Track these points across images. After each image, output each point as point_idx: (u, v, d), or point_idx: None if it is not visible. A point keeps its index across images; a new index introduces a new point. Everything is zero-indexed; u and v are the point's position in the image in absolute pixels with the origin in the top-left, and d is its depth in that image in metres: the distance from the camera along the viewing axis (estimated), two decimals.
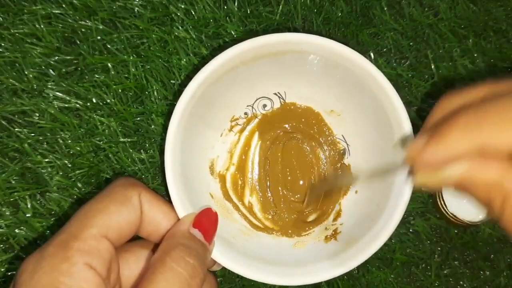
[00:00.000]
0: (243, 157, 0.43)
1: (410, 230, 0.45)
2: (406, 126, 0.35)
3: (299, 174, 0.43)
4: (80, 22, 0.45)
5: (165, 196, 0.43)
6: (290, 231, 0.41)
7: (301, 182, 0.43)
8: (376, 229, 0.35)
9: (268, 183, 0.43)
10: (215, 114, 0.40)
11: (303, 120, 0.43)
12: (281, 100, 0.43)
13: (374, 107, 0.37)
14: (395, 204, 0.34)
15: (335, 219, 0.41)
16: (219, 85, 0.37)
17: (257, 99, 0.43)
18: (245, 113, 0.43)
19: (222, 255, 0.34)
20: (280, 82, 0.41)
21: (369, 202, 0.38)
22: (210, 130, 0.41)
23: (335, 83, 0.39)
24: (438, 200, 0.43)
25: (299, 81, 0.41)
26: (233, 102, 0.41)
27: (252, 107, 0.43)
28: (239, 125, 0.43)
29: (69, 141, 0.43)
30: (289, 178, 0.43)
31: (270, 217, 0.42)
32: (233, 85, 0.39)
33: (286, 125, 0.43)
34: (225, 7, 0.46)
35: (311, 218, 0.42)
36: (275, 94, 0.43)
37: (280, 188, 0.43)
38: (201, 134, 0.39)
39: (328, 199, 0.42)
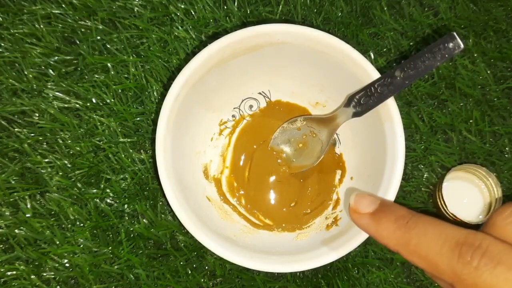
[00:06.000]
0: (236, 159, 0.43)
1: None
2: (392, 106, 0.35)
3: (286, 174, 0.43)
4: (79, 22, 0.45)
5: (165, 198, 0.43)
6: (290, 226, 0.41)
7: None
8: None
9: (262, 183, 0.43)
10: (202, 118, 0.41)
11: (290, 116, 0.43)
12: (267, 99, 0.43)
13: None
14: (389, 179, 0.35)
15: (334, 208, 0.41)
16: (202, 87, 0.37)
17: (243, 100, 0.43)
18: (233, 116, 0.43)
19: (225, 249, 0.34)
20: (263, 81, 0.42)
21: (365, 184, 0.38)
22: (199, 134, 0.41)
23: (316, 73, 0.39)
24: (438, 200, 0.43)
25: (281, 77, 0.41)
26: (220, 105, 0.42)
27: (239, 109, 0.43)
28: (229, 128, 0.43)
29: (69, 141, 0.43)
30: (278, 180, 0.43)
31: (267, 214, 0.43)
32: (216, 87, 0.39)
33: (274, 124, 0.43)
34: (225, 7, 0.45)
35: (307, 210, 0.42)
36: (260, 93, 0.43)
37: (272, 188, 0.43)
38: (190, 139, 0.40)
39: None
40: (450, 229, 0.25)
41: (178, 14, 0.45)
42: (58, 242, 0.42)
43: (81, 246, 0.42)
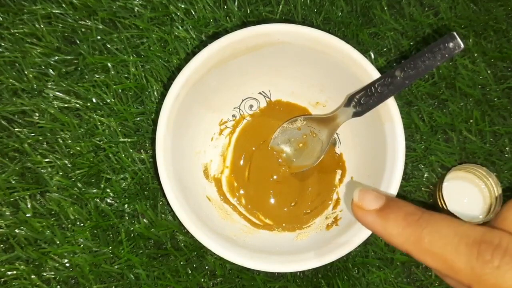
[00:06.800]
0: (236, 159, 0.43)
1: None
2: (392, 106, 0.35)
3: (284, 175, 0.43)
4: (80, 22, 0.45)
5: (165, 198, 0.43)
6: (290, 226, 0.41)
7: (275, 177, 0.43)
8: None
9: (262, 182, 0.43)
10: (202, 118, 0.41)
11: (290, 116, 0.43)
12: (267, 98, 0.43)
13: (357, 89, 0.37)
14: (389, 179, 0.35)
15: (334, 207, 0.41)
16: (202, 87, 0.37)
17: (243, 100, 0.43)
18: (233, 116, 0.43)
19: (225, 249, 0.34)
20: (263, 80, 0.42)
21: (364, 184, 0.38)
22: (199, 134, 0.41)
23: (316, 73, 0.39)
24: (438, 200, 0.43)
25: (281, 77, 0.41)
26: (220, 105, 0.42)
27: (239, 109, 0.43)
28: (229, 127, 0.43)
29: (69, 141, 0.43)
30: (276, 178, 0.43)
31: (267, 214, 0.43)
32: (216, 87, 0.39)
33: (274, 124, 0.43)
34: (225, 7, 0.45)
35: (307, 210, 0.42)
36: (260, 93, 0.43)
37: (271, 190, 0.43)
38: (191, 139, 0.40)
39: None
40: (466, 226, 0.23)
41: (178, 14, 0.45)
42: (58, 242, 0.42)
43: (81, 246, 0.42)
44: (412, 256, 0.25)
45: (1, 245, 0.42)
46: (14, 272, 0.42)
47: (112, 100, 0.44)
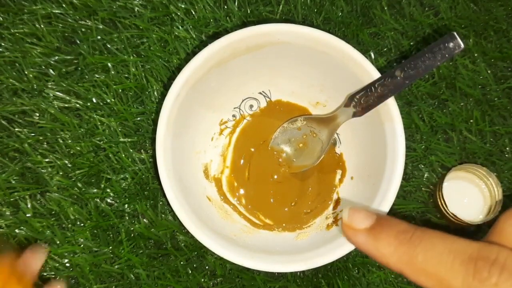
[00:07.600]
0: (236, 159, 0.43)
1: None
2: (392, 106, 0.35)
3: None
4: (80, 22, 0.45)
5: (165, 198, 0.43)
6: (290, 226, 0.41)
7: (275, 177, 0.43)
8: (373, 206, 0.35)
9: (262, 182, 0.43)
10: (202, 118, 0.41)
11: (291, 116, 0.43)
12: (267, 98, 0.43)
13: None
14: (389, 179, 0.35)
15: (334, 207, 0.41)
16: (202, 86, 0.37)
17: (243, 100, 0.43)
18: (233, 116, 0.43)
19: (225, 249, 0.34)
20: (263, 80, 0.42)
21: (364, 184, 0.38)
22: (199, 134, 0.41)
23: (316, 73, 0.39)
24: (438, 200, 0.42)
25: (281, 77, 0.41)
26: (220, 104, 0.42)
27: (239, 109, 0.43)
28: (229, 127, 0.43)
29: (69, 141, 0.43)
30: (276, 177, 0.43)
31: (268, 214, 0.43)
32: (216, 87, 0.39)
33: (274, 124, 0.43)
34: (225, 7, 0.45)
35: (307, 210, 0.42)
36: (260, 93, 0.43)
37: (271, 189, 0.43)
38: (191, 139, 0.40)
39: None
40: (460, 242, 0.23)
41: (179, 13, 0.45)
42: (58, 242, 0.42)
43: (82, 246, 0.42)
44: (406, 277, 0.24)
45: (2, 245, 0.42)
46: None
47: (112, 100, 0.44)
